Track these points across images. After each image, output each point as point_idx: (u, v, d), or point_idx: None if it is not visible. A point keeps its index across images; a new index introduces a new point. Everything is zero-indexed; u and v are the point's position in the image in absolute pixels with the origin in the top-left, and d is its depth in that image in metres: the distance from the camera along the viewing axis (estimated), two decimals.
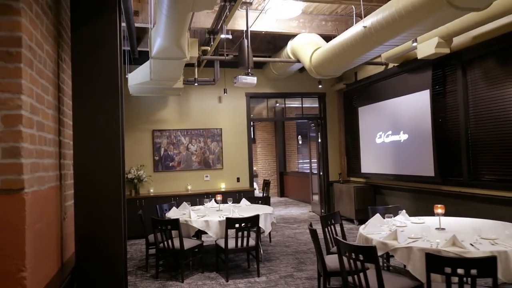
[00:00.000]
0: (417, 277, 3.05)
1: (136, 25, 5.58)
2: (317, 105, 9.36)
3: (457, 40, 5.44)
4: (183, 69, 6.13)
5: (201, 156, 8.40)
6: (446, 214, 4.60)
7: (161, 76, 6.02)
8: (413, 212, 5.82)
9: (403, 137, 6.71)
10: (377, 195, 7.79)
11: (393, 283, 3.16)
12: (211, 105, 8.51)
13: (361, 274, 3.03)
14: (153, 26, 4.75)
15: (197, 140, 8.40)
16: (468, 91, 5.51)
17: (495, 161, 5.15)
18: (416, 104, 6.32)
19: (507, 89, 4.89)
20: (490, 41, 5.03)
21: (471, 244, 3.06)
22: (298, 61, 6.65)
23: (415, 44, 4.94)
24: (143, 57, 6.42)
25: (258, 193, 10.82)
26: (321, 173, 9.21)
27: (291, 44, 6.67)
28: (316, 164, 9.62)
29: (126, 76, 6.58)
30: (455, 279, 2.58)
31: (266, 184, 11.04)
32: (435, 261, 2.65)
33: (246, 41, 6.05)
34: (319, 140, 9.28)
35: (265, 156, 14.06)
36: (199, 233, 5.39)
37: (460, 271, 2.57)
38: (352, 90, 8.51)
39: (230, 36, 6.17)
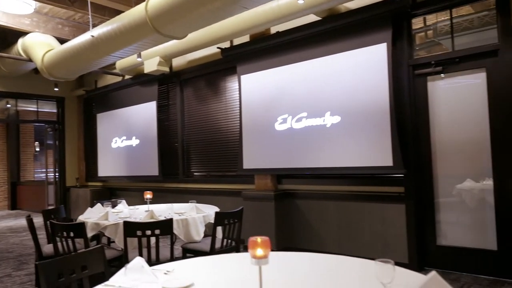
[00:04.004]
0: (120, 246, 3.69)
1: None
2: (56, 111, 9.13)
3: (177, 62, 6.62)
4: None
5: None
6: None
7: None
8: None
9: (135, 142, 7.48)
10: (113, 196, 8.25)
11: None
12: None
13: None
14: None
15: None
16: (184, 105, 6.76)
17: (201, 162, 6.51)
18: (146, 113, 7.20)
19: (211, 104, 6.32)
20: (200, 66, 6.38)
21: (165, 217, 3.93)
22: (30, 60, 6.48)
23: (139, 59, 5.74)
24: None
25: None
26: (57, 180, 8.98)
27: (22, 41, 6.43)
28: (53, 172, 9.30)
29: None
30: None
31: None
32: (130, 227, 3.36)
33: None
34: (57, 146, 9.05)
35: None
36: None
37: (148, 232, 3.35)
38: (92, 97, 8.77)
39: None
